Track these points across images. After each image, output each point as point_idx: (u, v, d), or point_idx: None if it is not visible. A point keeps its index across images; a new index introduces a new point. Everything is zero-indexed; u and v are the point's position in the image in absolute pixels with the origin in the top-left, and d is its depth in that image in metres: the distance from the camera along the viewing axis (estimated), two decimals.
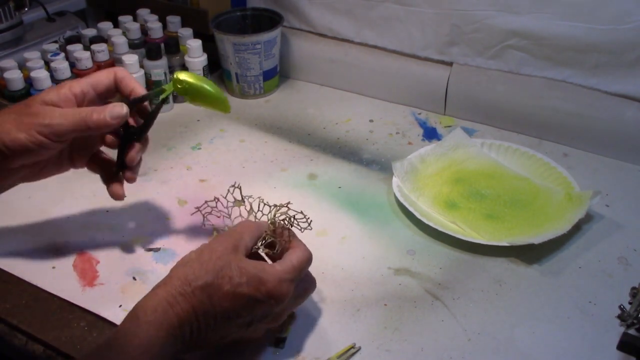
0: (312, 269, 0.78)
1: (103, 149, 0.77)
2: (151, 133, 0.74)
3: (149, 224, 0.85)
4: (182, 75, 0.74)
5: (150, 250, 0.81)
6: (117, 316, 0.70)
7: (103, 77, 0.71)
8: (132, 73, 0.95)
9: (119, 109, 0.68)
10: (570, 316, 0.71)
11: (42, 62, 1.03)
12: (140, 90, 0.72)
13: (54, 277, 0.77)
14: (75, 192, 0.91)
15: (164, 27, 1.15)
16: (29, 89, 0.99)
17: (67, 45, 1.07)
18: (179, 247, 0.81)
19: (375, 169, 0.96)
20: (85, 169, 0.78)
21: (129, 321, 0.57)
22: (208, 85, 0.75)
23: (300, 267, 0.63)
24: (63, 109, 0.68)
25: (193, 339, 0.59)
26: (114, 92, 0.73)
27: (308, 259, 0.65)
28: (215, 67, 1.15)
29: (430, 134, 1.04)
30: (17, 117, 0.66)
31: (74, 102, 0.69)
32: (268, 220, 0.68)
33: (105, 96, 0.73)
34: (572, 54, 0.96)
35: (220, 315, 0.59)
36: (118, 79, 0.72)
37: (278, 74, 1.17)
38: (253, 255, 0.64)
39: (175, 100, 1.12)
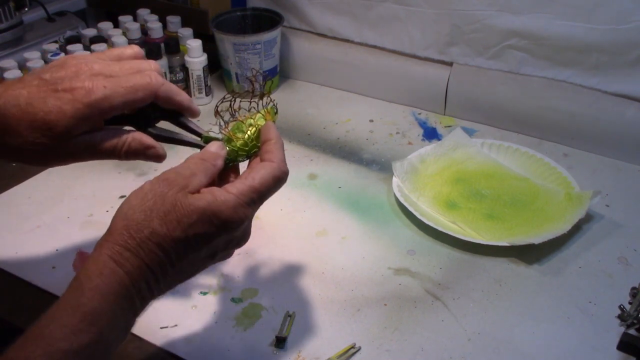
0: (312, 269, 0.78)
1: None
2: None
3: None
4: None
5: None
6: None
7: (139, 98, 0.58)
8: None
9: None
10: (570, 316, 0.71)
11: (42, 62, 1.03)
12: (187, 102, 0.61)
13: (54, 277, 0.76)
14: (75, 192, 0.91)
15: (164, 27, 1.15)
16: None
17: (67, 45, 1.07)
18: None
19: (375, 169, 0.96)
20: (84, 169, 0.76)
21: (71, 291, 0.51)
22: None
23: (261, 188, 0.55)
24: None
25: (153, 291, 0.53)
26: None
27: (274, 177, 0.56)
28: (215, 67, 1.15)
29: (430, 134, 1.04)
30: None
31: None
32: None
33: (131, 107, 0.60)
34: (572, 54, 0.96)
35: (178, 260, 0.53)
36: (162, 99, 0.60)
37: (278, 74, 1.17)
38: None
39: None
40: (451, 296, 0.74)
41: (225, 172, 0.60)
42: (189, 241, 0.52)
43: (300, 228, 0.85)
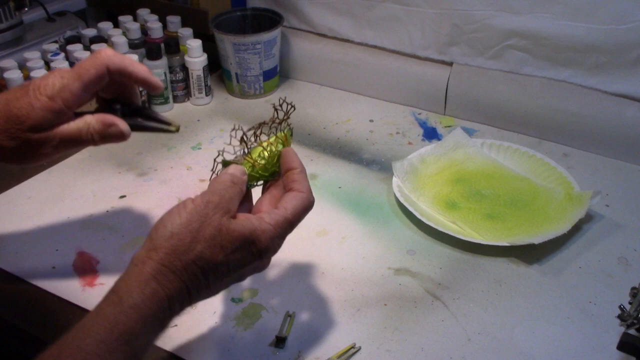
0: (312, 269, 0.78)
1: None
2: (151, 133, 0.73)
3: (149, 224, 0.85)
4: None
5: None
6: None
7: (94, 76, 0.61)
8: None
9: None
10: (570, 316, 0.71)
11: (42, 62, 1.03)
12: (142, 73, 0.63)
13: (54, 277, 0.76)
14: (75, 192, 0.91)
15: (164, 27, 1.15)
16: None
17: (67, 45, 1.07)
18: None
19: (375, 169, 0.96)
20: (84, 169, 0.76)
21: (110, 304, 0.51)
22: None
23: (294, 219, 0.58)
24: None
25: (183, 310, 0.55)
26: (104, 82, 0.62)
27: (305, 208, 0.59)
28: (215, 67, 1.15)
29: (430, 134, 1.04)
30: None
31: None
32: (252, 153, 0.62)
33: (93, 90, 0.62)
34: (572, 54, 0.96)
35: (214, 283, 0.55)
36: (116, 72, 0.61)
37: (278, 74, 1.17)
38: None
39: (176, 100, 1.12)
40: (451, 296, 0.74)
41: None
42: (228, 266, 0.54)
43: (300, 228, 0.84)
